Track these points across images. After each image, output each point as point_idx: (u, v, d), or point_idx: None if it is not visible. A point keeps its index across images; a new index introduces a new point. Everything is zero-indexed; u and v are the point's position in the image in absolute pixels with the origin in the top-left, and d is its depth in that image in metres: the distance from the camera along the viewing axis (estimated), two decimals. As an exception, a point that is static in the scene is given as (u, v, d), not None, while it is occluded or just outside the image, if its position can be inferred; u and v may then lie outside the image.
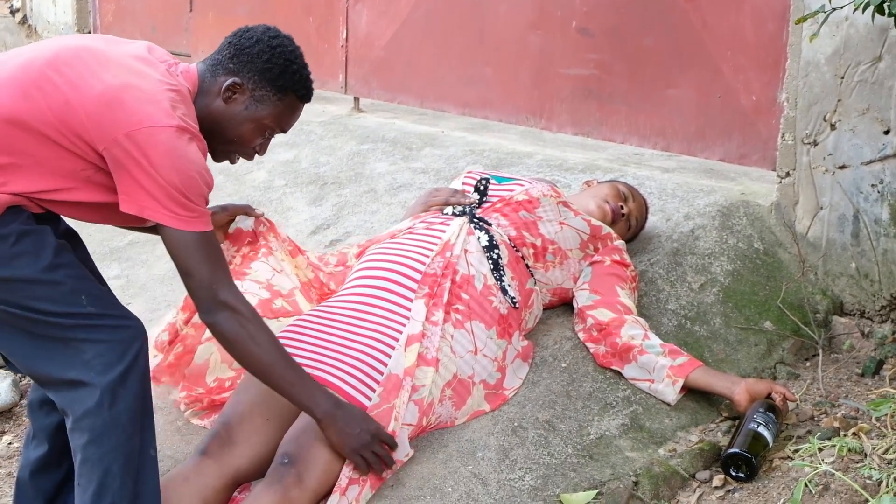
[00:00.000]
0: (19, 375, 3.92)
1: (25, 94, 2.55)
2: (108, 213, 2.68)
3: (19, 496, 2.89)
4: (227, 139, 2.79)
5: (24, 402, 3.80)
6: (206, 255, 2.60)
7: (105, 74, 2.59)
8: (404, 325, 3.03)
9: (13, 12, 8.69)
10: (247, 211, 3.34)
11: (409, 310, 3.06)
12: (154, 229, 2.73)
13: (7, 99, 2.54)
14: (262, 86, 2.78)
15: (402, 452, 2.87)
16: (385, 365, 2.97)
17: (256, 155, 2.86)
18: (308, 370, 2.83)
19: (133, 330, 2.62)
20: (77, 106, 2.54)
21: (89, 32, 8.15)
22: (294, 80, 2.82)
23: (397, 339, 3.01)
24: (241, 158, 2.87)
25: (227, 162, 2.90)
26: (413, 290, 3.10)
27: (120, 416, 2.54)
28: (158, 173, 2.52)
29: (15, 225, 2.54)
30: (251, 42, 2.82)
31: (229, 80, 2.76)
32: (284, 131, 2.88)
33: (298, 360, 2.84)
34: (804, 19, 2.80)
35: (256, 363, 2.70)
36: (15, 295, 2.54)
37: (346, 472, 2.79)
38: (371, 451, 2.78)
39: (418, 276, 3.13)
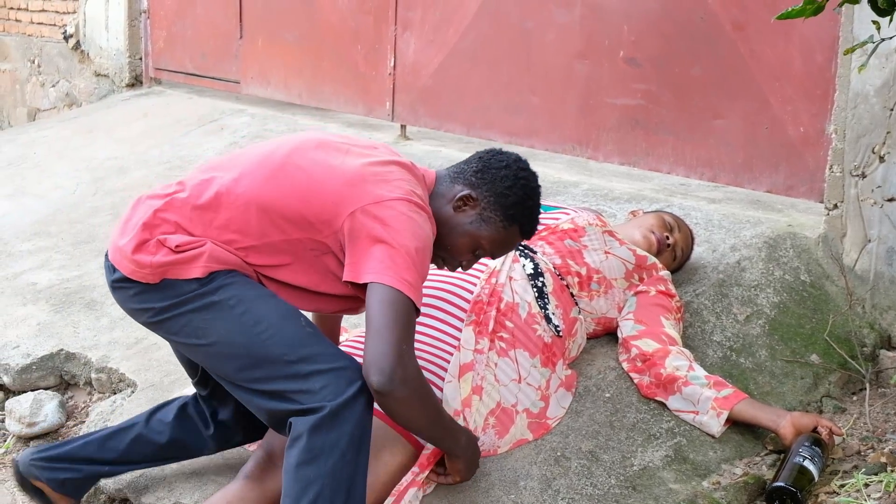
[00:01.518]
0: (67, 397, 3.96)
1: (271, 179, 2.74)
2: (319, 298, 2.82)
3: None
4: (442, 244, 2.85)
5: (71, 423, 3.85)
6: (407, 322, 2.59)
7: (349, 160, 2.76)
8: (451, 354, 3.03)
9: (66, 38, 8.81)
10: None
11: (457, 339, 3.07)
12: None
13: (255, 185, 2.73)
14: (493, 208, 2.84)
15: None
16: (440, 390, 2.98)
17: (461, 269, 2.95)
18: None
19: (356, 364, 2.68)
20: (321, 185, 2.70)
21: (140, 58, 8.26)
22: (524, 214, 2.88)
23: (446, 369, 3.01)
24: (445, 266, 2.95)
25: None
26: (460, 319, 3.11)
27: (341, 440, 2.58)
28: (394, 238, 2.61)
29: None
30: (500, 165, 2.87)
31: (465, 192, 2.84)
32: (494, 257, 2.95)
33: None
34: (852, 50, 2.79)
35: (424, 424, 2.71)
36: None
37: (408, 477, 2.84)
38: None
39: (467, 305, 3.14)
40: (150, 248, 2.71)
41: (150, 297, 2.74)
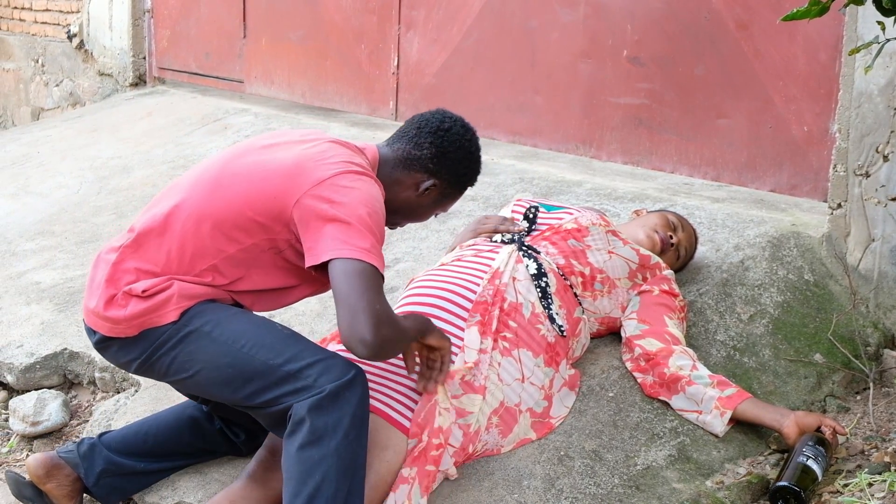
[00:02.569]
0: (70, 396, 3.96)
1: (213, 193, 2.79)
2: (289, 292, 2.90)
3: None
4: (405, 219, 3.07)
5: (74, 422, 3.85)
6: (373, 285, 2.63)
7: (280, 153, 2.83)
8: (456, 354, 3.03)
9: (70, 37, 8.82)
10: None
11: (461, 339, 3.07)
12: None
13: (199, 203, 2.79)
14: (454, 185, 3.03)
15: (444, 465, 2.89)
16: None
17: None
18: None
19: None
20: (261, 185, 2.76)
21: (144, 58, 8.26)
22: (475, 178, 3.09)
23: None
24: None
25: None
26: (464, 319, 3.11)
27: (343, 419, 2.63)
28: (342, 211, 2.67)
29: None
30: (454, 147, 2.99)
31: (430, 182, 2.98)
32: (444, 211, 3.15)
33: None
34: (857, 50, 2.79)
35: (402, 349, 2.84)
36: None
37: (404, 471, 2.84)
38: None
39: (469, 304, 3.14)
40: (119, 302, 2.75)
41: (132, 349, 2.79)
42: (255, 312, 2.87)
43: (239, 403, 2.78)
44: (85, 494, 3.13)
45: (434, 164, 2.97)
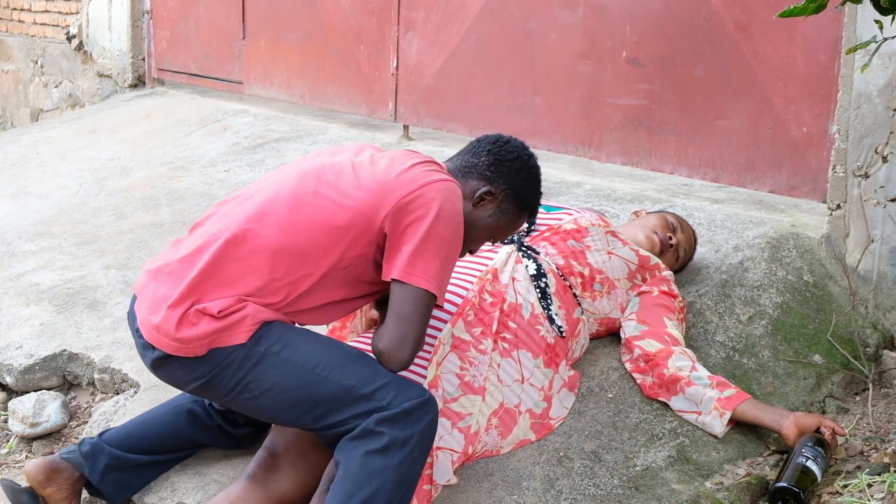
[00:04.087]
0: (70, 397, 3.96)
1: (294, 218, 2.76)
2: (350, 303, 2.90)
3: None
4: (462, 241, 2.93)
5: (73, 423, 3.85)
6: (425, 315, 2.71)
7: (372, 171, 2.83)
8: (429, 353, 3.03)
9: (69, 38, 8.82)
10: None
11: (439, 329, 3.07)
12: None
13: (275, 231, 2.75)
14: (511, 200, 2.95)
15: (444, 477, 2.88)
16: (423, 377, 2.98)
17: (468, 254, 3.06)
18: None
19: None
20: (350, 205, 2.75)
21: (143, 59, 8.26)
22: (535, 201, 3.01)
23: (430, 360, 3.01)
24: None
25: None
26: (449, 313, 3.10)
27: (413, 437, 2.64)
28: (432, 226, 2.71)
29: None
30: (512, 157, 2.97)
31: (485, 188, 2.93)
32: (500, 240, 3.08)
33: None
34: (855, 49, 2.78)
35: None
36: None
37: None
38: None
39: (458, 301, 3.13)
40: (190, 320, 2.67)
41: (195, 368, 2.72)
42: (312, 330, 2.84)
43: (306, 426, 2.75)
44: (86, 495, 3.14)
45: (491, 171, 2.94)
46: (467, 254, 3.00)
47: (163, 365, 2.74)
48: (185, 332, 2.65)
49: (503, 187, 2.93)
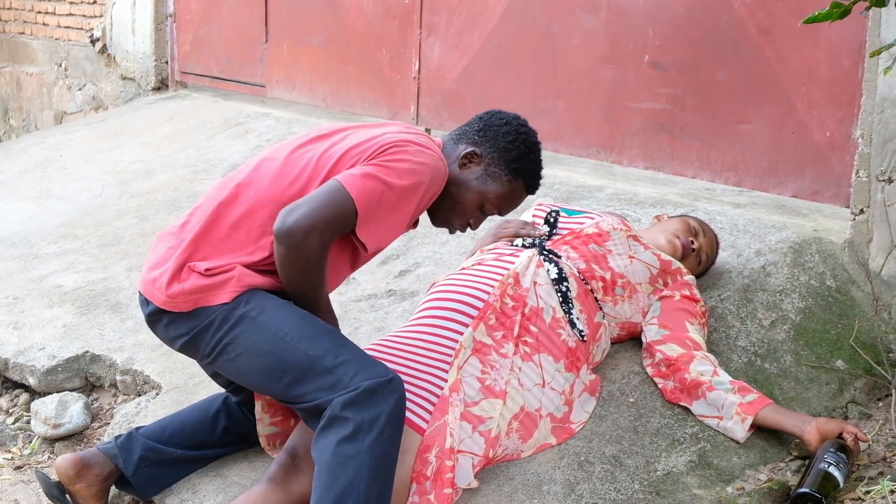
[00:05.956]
0: (92, 399, 3.98)
1: (283, 175, 2.87)
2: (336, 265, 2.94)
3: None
4: (450, 202, 2.99)
5: (95, 425, 3.86)
6: (338, 213, 2.73)
7: (350, 137, 2.93)
8: (450, 356, 3.04)
9: (93, 42, 8.86)
10: None
11: (460, 333, 3.07)
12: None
13: (265, 185, 2.87)
14: (498, 163, 3.00)
15: (465, 481, 2.88)
16: (442, 389, 2.98)
17: (469, 229, 3.07)
18: None
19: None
20: (336, 152, 2.87)
21: (166, 62, 8.30)
22: (528, 168, 3.04)
23: (446, 370, 3.02)
24: (457, 231, 3.09)
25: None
26: (471, 317, 3.11)
27: (380, 417, 2.65)
28: (389, 166, 2.79)
29: None
30: (500, 122, 3.05)
31: (469, 149, 2.99)
32: (501, 214, 3.09)
33: None
34: (879, 53, 2.77)
35: (304, 284, 2.82)
36: None
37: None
38: None
39: (480, 304, 3.14)
40: (181, 276, 2.80)
41: (182, 324, 2.83)
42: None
43: (276, 394, 2.82)
44: (113, 493, 3.16)
45: (479, 136, 3.01)
46: (467, 227, 3.05)
47: (156, 321, 2.88)
48: (175, 288, 2.78)
49: (489, 150, 2.99)
